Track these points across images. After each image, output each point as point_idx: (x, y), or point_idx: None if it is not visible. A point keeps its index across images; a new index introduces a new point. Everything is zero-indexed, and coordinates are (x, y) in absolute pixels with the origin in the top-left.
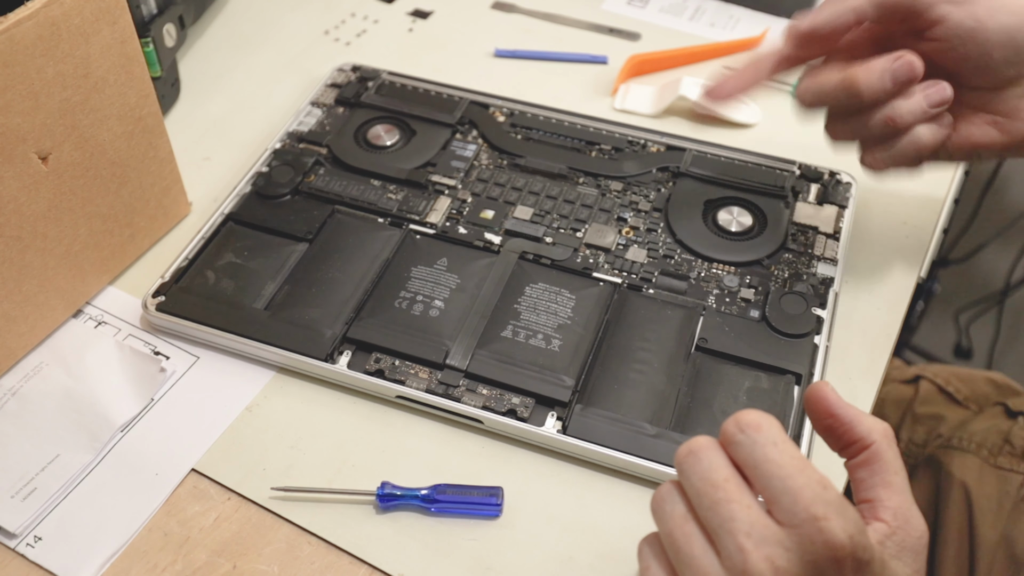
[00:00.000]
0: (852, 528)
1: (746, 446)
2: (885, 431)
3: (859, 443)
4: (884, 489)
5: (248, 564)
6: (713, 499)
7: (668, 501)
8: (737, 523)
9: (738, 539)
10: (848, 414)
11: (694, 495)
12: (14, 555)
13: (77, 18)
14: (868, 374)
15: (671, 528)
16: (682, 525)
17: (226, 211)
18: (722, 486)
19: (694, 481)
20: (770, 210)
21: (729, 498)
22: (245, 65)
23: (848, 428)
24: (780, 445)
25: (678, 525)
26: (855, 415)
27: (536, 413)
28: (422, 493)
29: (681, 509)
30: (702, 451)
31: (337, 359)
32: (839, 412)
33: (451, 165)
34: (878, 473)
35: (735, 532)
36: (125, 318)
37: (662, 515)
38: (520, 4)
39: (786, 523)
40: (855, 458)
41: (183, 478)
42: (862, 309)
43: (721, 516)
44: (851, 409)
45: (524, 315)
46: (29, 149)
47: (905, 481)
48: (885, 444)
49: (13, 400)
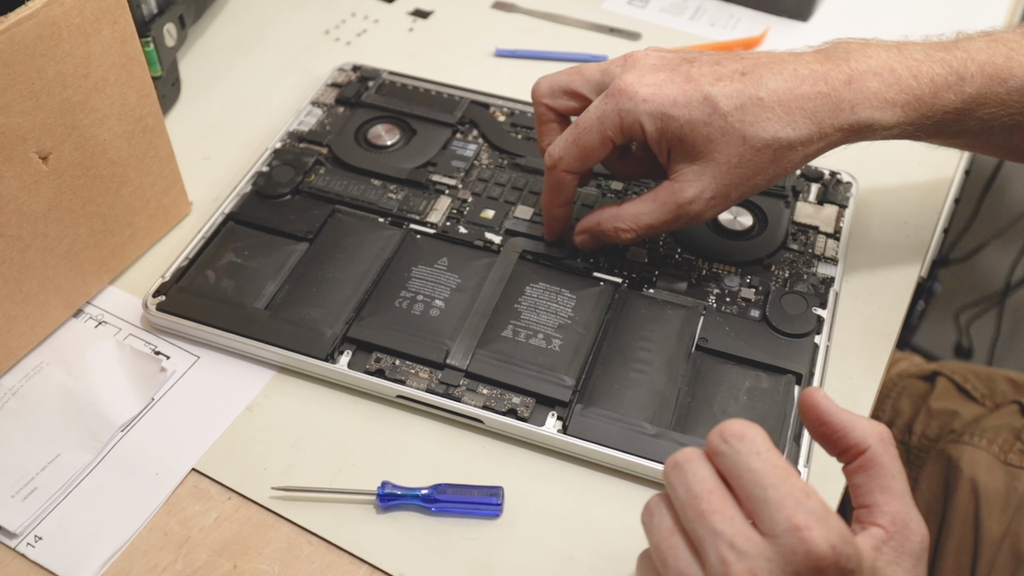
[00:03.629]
0: (835, 537)
1: (730, 456)
2: (881, 435)
3: (854, 449)
4: (881, 494)
5: (248, 564)
6: (697, 511)
7: (656, 514)
8: (720, 535)
9: (721, 551)
10: (841, 420)
11: (679, 507)
12: (14, 555)
13: (77, 18)
14: (868, 374)
15: (658, 541)
16: (668, 538)
17: (226, 211)
18: (706, 497)
19: (679, 493)
20: (770, 210)
21: (712, 509)
22: (245, 65)
23: (842, 434)
24: (763, 455)
25: (664, 538)
26: (848, 420)
27: (536, 413)
28: (422, 493)
29: (668, 522)
30: (687, 463)
31: (337, 359)
32: (831, 419)
33: (451, 165)
34: (875, 478)
35: (718, 544)
36: (125, 318)
37: (650, 528)
38: (520, 4)
39: (768, 533)
40: (851, 463)
41: (183, 478)
42: (862, 309)
43: (704, 527)
44: (844, 414)
45: (524, 315)
46: (29, 149)
47: (904, 485)
48: (880, 448)
49: (13, 400)
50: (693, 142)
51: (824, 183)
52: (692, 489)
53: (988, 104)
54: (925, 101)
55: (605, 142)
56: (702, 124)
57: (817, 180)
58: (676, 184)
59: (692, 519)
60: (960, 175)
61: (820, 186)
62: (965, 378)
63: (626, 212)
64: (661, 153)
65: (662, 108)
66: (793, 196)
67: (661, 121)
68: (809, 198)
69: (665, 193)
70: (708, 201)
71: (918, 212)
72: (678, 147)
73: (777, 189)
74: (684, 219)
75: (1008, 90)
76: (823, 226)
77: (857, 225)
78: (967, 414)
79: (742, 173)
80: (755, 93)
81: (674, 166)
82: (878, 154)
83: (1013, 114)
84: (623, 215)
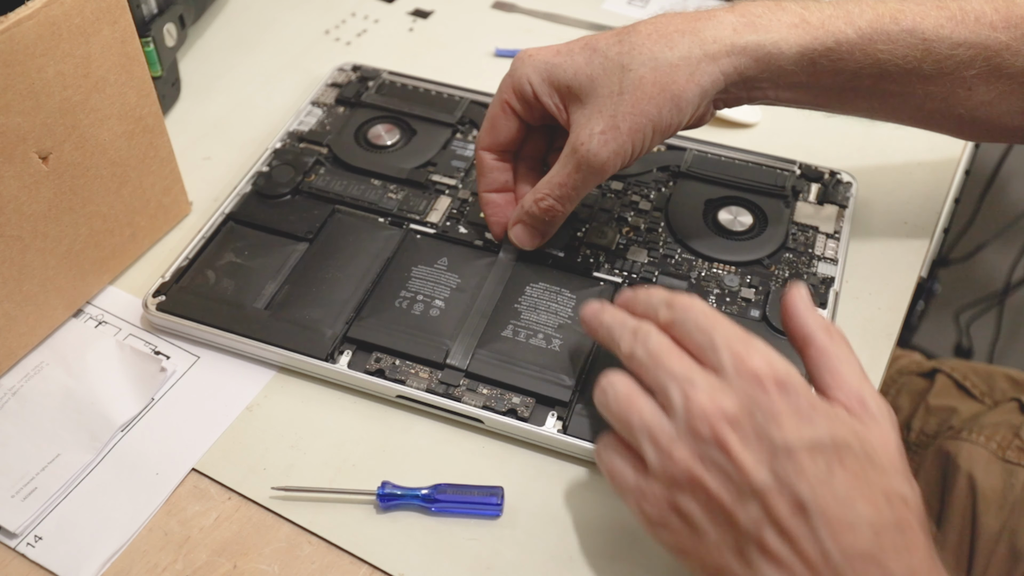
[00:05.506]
0: (771, 356)
1: (679, 320)
2: (827, 327)
3: (804, 338)
4: (831, 376)
5: (248, 564)
6: (657, 363)
7: (609, 389)
8: (680, 376)
9: (683, 387)
10: (797, 310)
11: (640, 368)
12: (14, 555)
13: (77, 18)
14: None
15: (618, 408)
16: (627, 398)
17: (226, 211)
18: (664, 353)
19: (639, 354)
20: (770, 210)
21: (671, 360)
22: (245, 65)
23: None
24: (708, 312)
25: (624, 400)
26: (803, 313)
27: (536, 413)
28: (422, 493)
29: (623, 389)
30: (644, 331)
31: (337, 359)
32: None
33: (451, 165)
34: (823, 364)
35: (680, 383)
36: (125, 318)
37: (608, 401)
38: (521, 4)
39: (720, 370)
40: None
41: (183, 478)
42: (862, 309)
43: (665, 374)
44: (803, 308)
45: (524, 315)
46: (29, 149)
47: (853, 369)
48: (826, 338)
49: (13, 400)
50: (579, 86)
51: (824, 183)
52: (651, 349)
53: (881, 40)
54: (814, 25)
55: (504, 108)
56: (584, 65)
57: (817, 180)
58: (572, 132)
59: (653, 370)
60: (960, 175)
61: (820, 186)
62: (965, 375)
63: (540, 182)
64: (560, 112)
65: (544, 59)
66: (793, 196)
67: (546, 71)
68: (809, 198)
69: (565, 146)
70: (600, 137)
71: (918, 212)
72: (568, 96)
73: (777, 189)
74: (586, 164)
75: (901, 30)
76: (823, 226)
77: (857, 225)
78: (966, 411)
79: (628, 100)
80: (632, 29)
81: (571, 119)
82: (878, 154)
83: (908, 56)
84: (538, 186)
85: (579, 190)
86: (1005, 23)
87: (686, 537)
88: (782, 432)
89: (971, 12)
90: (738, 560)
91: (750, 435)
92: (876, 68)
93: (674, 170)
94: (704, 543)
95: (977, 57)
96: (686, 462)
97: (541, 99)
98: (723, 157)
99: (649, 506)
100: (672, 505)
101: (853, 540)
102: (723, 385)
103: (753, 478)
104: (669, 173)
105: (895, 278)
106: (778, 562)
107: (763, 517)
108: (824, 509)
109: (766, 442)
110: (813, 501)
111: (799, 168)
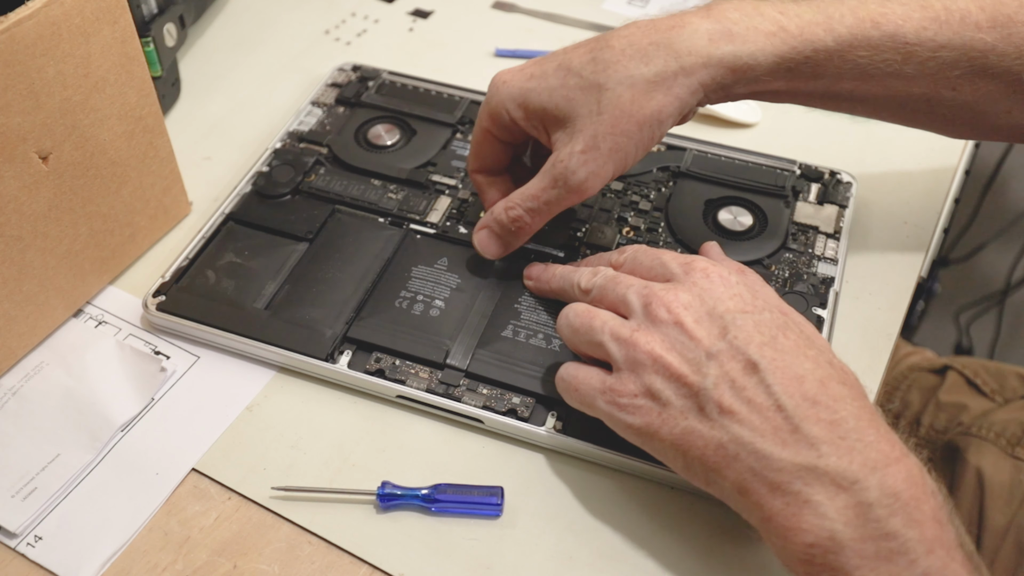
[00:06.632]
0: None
1: (630, 260)
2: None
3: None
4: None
5: (248, 564)
6: (616, 282)
7: (569, 312)
8: (637, 284)
9: (641, 291)
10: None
11: (599, 291)
12: (14, 555)
13: (77, 18)
14: (868, 374)
15: (580, 322)
16: (588, 311)
17: (226, 211)
18: (623, 274)
19: (599, 281)
20: (770, 210)
21: (628, 277)
22: (245, 65)
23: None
24: (652, 250)
25: (585, 314)
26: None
27: (536, 413)
28: (422, 493)
29: (583, 308)
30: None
31: (337, 359)
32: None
33: (451, 165)
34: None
35: (639, 289)
36: (125, 318)
37: (569, 321)
38: (521, 4)
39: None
40: None
41: (183, 478)
42: (862, 309)
43: (625, 286)
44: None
45: (524, 314)
46: (29, 149)
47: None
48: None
49: (13, 400)
50: (556, 107)
51: (824, 183)
52: (609, 274)
53: (861, 47)
54: (792, 33)
55: (485, 135)
56: (559, 87)
57: (817, 180)
58: (554, 150)
59: (612, 289)
60: (960, 175)
61: (820, 186)
62: (976, 372)
63: (514, 192)
64: (541, 135)
65: (519, 84)
66: (793, 196)
67: (521, 97)
68: (809, 198)
69: (546, 163)
70: (579, 156)
71: (918, 212)
72: (547, 120)
73: (777, 189)
74: (563, 181)
75: (882, 35)
76: (823, 226)
77: (857, 225)
78: (976, 408)
79: (607, 120)
80: (605, 44)
81: (551, 139)
82: (878, 154)
83: (888, 60)
84: (511, 195)
85: (551, 206)
86: (991, 23)
87: (654, 413)
88: (730, 311)
89: (956, 12)
90: (702, 420)
91: (703, 315)
92: (856, 73)
93: (674, 170)
94: (671, 412)
95: (961, 59)
96: (649, 344)
97: (519, 124)
98: (723, 157)
99: (618, 395)
100: (640, 387)
101: (801, 387)
102: (675, 285)
103: (708, 346)
104: (669, 173)
105: (895, 278)
106: (736, 415)
107: (720, 377)
108: (772, 365)
109: (717, 319)
110: (762, 359)
111: (799, 168)
